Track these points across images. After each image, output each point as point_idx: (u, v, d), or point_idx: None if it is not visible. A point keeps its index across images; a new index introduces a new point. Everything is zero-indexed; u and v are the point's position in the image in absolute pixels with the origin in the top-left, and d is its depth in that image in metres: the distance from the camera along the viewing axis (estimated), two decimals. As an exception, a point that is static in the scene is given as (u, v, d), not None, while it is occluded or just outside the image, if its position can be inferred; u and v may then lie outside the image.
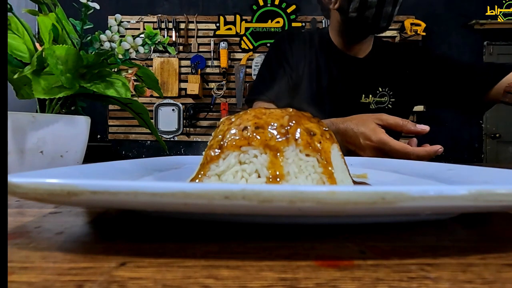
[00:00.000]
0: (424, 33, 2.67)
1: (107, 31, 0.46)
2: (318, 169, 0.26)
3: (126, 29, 0.48)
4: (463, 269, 0.16)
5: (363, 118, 0.65)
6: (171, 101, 2.80)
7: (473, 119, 2.76)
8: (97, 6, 0.45)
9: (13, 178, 0.17)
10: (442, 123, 2.74)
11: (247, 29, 2.80)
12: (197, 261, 0.17)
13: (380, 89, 0.92)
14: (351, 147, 0.65)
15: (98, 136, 2.80)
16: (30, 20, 0.54)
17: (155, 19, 2.79)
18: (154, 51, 2.75)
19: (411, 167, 0.40)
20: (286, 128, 0.26)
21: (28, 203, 0.30)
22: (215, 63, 2.80)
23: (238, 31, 2.80)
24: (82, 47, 0.46)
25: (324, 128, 0.29)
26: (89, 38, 0.46)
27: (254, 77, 1.62)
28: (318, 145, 0.27)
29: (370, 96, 0.92)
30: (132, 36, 0.47)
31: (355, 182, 0.32)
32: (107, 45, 0.45)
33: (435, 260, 0.17)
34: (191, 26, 2.81)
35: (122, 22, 0.47)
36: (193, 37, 2.81)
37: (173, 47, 0.65)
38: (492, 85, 0.80)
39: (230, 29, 2.80)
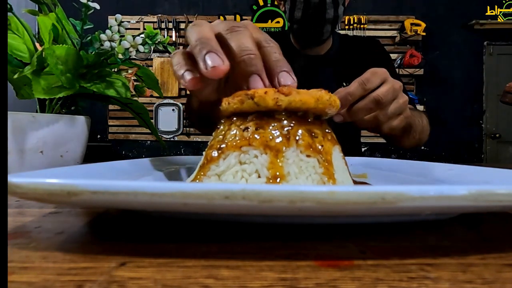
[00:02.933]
0: (424, 33, 2.66)
1: (107, 31, 0.46)
2: (318, 169, 0.26)
3: (126, 29, 0.48)
4: (463, 269, 0.16)
5: None
6: (171, 101, 2.80)
7: (473, 119, 2.76)
8: (97, 6, 0.45)
9: (13, 178, 0.17)
10: (442, 123, 2.74)
11: (247, 29, 2.80)
12: (197, 261, 0.17)
13: (344, 84, 0.91)
14: None
15: (98, 136, 2.80)
16: (30, 20, 0.54)
17: (155, 19, 2.79)
18: (154, 51, 2.75)
19: (411, 167, 0.40)
20: (287, 129, 0.26)
21: (28, 203, 0.30)
22: (215, 63, 2.79)
23: (238, 31, 2.79)
24: (82, 47, 0.46)
25: (326, 130, 0.29)
26: (89, 38, 0.46)
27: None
28: (320, 146, 0.26)
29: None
30: (132, 36, 0.47)
31: (355, 182, 0.32)
32: (107, 44, 0.45)
33: (435, 260, 0.17)
34: (191, 26, 2.81)
35: (123, 22, 0.47)
36: (193, 37, 2.81)
37: (173, 47, 0.65)
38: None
39: (230, 29, 2.80)
